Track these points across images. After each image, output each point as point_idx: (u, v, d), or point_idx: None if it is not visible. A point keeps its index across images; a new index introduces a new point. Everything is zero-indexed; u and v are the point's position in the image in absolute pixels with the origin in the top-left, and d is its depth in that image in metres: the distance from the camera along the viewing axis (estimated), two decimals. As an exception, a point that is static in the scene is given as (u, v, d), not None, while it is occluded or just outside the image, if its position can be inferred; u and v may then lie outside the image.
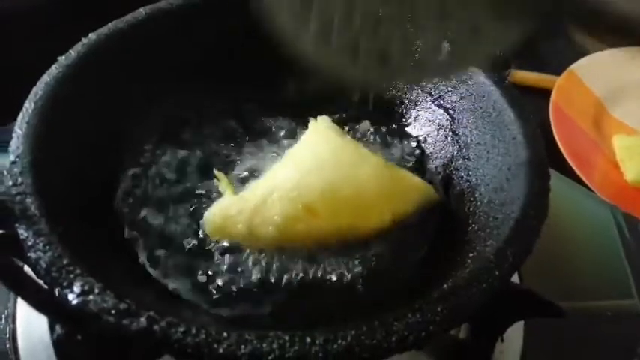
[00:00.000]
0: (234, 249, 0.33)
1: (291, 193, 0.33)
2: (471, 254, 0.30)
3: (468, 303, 0.25)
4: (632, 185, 0.59)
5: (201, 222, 0.34)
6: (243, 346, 0.23)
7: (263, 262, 0.33)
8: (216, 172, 0.37)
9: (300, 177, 0.34)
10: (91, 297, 0.24)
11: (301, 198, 0.33)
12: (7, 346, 0.39)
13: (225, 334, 0.23)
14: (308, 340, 0.23)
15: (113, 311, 0.23)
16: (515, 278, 0.45)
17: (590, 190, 0.55)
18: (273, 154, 0.40)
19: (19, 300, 0.41)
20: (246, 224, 0.33)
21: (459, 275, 0.28)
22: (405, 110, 0.44)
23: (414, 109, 0.44)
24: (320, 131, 0.39)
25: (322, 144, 0.37)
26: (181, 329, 0.23)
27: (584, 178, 0.57)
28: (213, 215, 0.34)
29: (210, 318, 0.30)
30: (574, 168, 0.58)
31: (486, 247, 0.29)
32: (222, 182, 0.36)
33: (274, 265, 0.33)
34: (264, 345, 0.23)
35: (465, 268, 0.29)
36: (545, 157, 0.33)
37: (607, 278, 0.46)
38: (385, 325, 0.24)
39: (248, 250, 0.33)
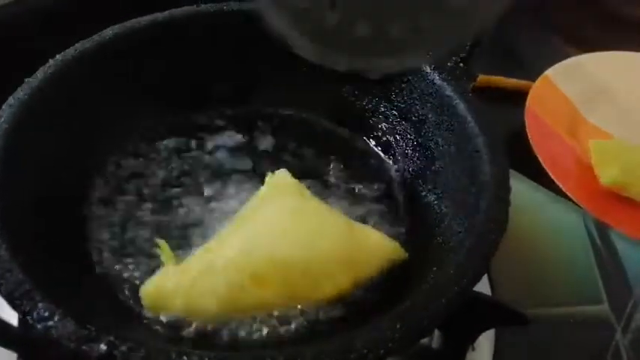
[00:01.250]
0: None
1: (237, 261, 0.31)
2: (434, 268, 0.31)
3: (428, 319, 0.26)
4: (607, 189, 0.60)
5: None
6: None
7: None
8: (158, 240, 0.35)
9: (249, 243, 0.32)
10: (51, 323, 0.24)
11: (248, 266, 0.31)
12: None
13: (185, 357, 0.23)
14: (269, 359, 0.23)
15: (73, 337, 0.23)
16: (486, 286, 0.45)
17: (565, 195, 0.56)
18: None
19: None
20: (184, 299, 0.31)
21: (420, 290, 0.28)
22: (372, 124, 0.45)
23: (383, 122, 0.44)
24: (276, 189, 0.36)
25: (277, 204, 0.35)
26: (141, 354, 0.23)
27: (559, 183, 0.57)
28: (148, 290, 0.32)
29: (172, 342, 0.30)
30: (549, 173, 0.58)
31: (449, 261, 0.30)
32: (163, 252, 0.34)
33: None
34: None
35: (426, 283, 0.29)
36: (507, 170, 0.33)
37: (578, 284, 0.47)
38: (343, 343, 0.24)
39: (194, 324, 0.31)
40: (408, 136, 0.42)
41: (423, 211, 0.38)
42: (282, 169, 0.38)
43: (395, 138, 0.43)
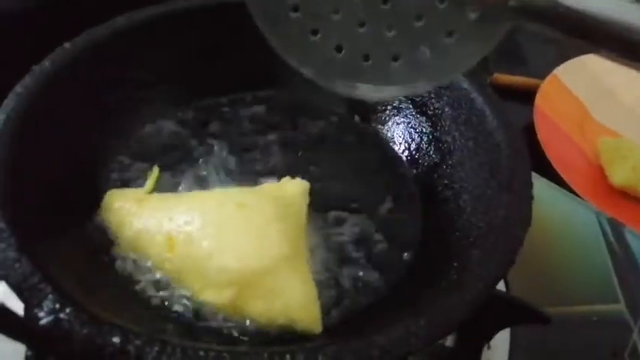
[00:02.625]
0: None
1: (172, 217, 0.32)
2: (455, 264, 0.30)
3: (452, 316, 0.25)
4: (617, 188, 0.59)
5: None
6: (220, 365, 0.22)
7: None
8: (156, 167, 0.38)
9: (192, 210, 0.33)
10: (62, 315, 0.23)
11: (169, 226, 0.32)
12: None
13: (202, 352, 0.22)
14: (288, 357, 0.22)
15: (85, 330, 0.22)
16: (501, 285, 0.44)
17: (575, 194, 0.55)
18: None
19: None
20: (122, 216, 0.33)
21: (442, 287, 0.28)
22: (387, 118, 0.44)
23: (397, 116, 0.44)
24: (268, 192, 0.36)
25: (242, 202, 0.33)
26: (156, 348, 0.22)
27: (569, 182, 0.57)
28: (110, 195, 0.35)
29: (190, 335, 0.29)
30: (559, 172, 0.57)
31: (470, 257, 0.29)
32: (152, 177, 0.37)
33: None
34: (242, 363, 0.22)
35: (449, 280, 0.28)
36: (528, 165, 0.33)
37: (593, 283, 0.46)
38: (368, 341, 0.23)
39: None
40: (424, 130, 0.42)
41: (440, 206, 0.37)
42: (301, 180, 0.37)
43: (410, 132, 0.42)
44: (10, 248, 0.25)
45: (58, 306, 0.23)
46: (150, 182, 0.37)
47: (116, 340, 0.22)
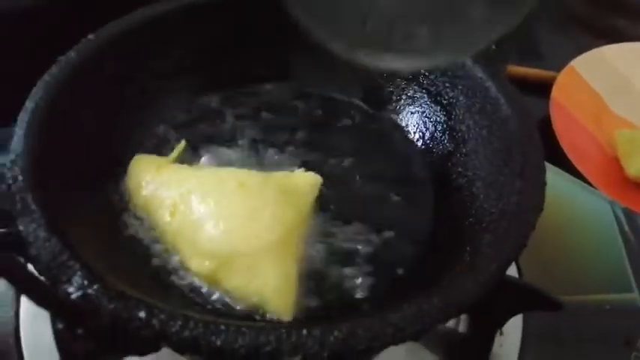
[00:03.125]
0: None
1: (181, 187, 0.35)
2: (468, 248, 0.30)
3: (465, 296, 0.25)
4: (633, 180, 0.59)
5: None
6: (240, 339, 0.23)
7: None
8: (183, 141, 0.40)
9: (200, 185, 0.35)
10: (89, 291, 0.24)
11: (177, 195, 0.34)
12: (10, 342, 0.40)
13: (222, 326, 0.23)
14: (304, 332, 0.23)
15: (112, 305, 0.23)
16: (514, 273, 0.45)
17: (590, 185, 0.55)
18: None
19: (22, 298, 0.42)
20: (139, 178, 0.36)
21: (455, 269, 0.28)
22: (401, 107, 0.45)
23: (412, 105, 0.44)
24: (275, 179, 0.37)
25: (243, 182, 0.35)
26: (180, 322, 0.23)
27: (584, 174, 0.56)
28: (137, 160, 0.38)
29: (210, 313, 0.30)
30: (575, 164, 0.57)
31: (483, 241, 0.30)
32: (177, 149, 0.39)
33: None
34: (261, 337, 0.23)
35: (461, 262, 0.29)
36: (541, 151, 0.33)
37: (606, 272, 0.46)
38: (382, 317, 0.24)
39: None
40: (438, 119, 0.42)
41: (453, 194, 0.38)
42: (313, 175, 0.37)
43: (424, 121, 0.43)
44: (40, 228, 0.26)
45: (86, 282, 0.24)
46: (175, 153, 0.39)
47: (142, 314, 0.23)
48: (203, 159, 0.40)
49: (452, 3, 0.26)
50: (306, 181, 0.37)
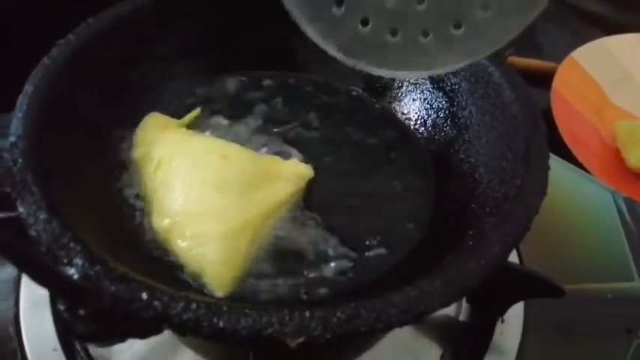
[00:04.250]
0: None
1: (169, 149, 0.36)
2: (470, 232, 0.30)
3: (467, 278, 0.25)
4: (633, 170, 0.59)
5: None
6: (243, 320, 0.23)
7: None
8: (199, 108, 0.41)
9: (208, 159, 0.35)
10: (90, 273, 0.24)
11: (161, 154, 0.36)
12: (11, 330, 0.40)
13: (225, 308, 0.23)
14: (307, 314, 0.23)
15: (113, 287, 0.23)
16: (515, 261, 0.45)
17: (591, 175, 0.55)
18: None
19: (22, 287, 0.42)
20: (153, 136, 0.37)
21: (458, 252, 0.28)
22: (403, 94, 0.44)
23: (414, 92, 0.44)
24: (264, 161, 0.37)
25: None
26: (182, 304, 0.23)
27: (585, 164, 0.57)
28: (152, 117, 0.39)
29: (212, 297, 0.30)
30: (575, 154, 0.58)
31: (485, 225, 0.29)
32: (193, 112, 0.41)
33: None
34: (264, 319, 0.23)
35: (464, 245, 0.29)
36: (544, 135, 0.33)
37: (608, 261, 0.46)
38: (384, 299, 0.24)
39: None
40: (440, 106, 0.42)
41: (456, 180, 0.38)
42: (305, 167, 0.38)
43: (426, 108, 0.43)
44: (41, 210, 0.26)
45: (87, 264, 0.24)
46: (187, 117, 0.40)
47: (144, 296, 0.23)
48: (208, 132, 0.40)
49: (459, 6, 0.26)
50: (293, 171, 0.37)
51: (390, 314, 0.23)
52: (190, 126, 0.41)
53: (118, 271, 0.24)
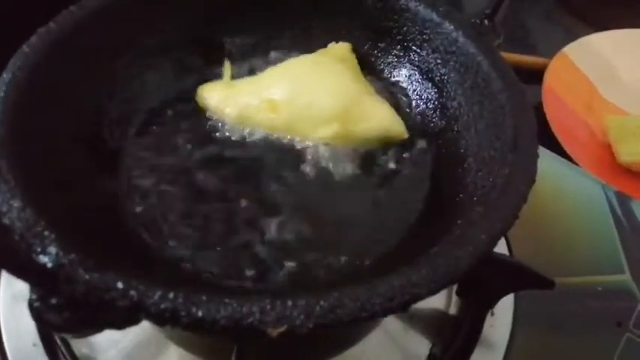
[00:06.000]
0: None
1: (260, 88, 0.40)
2: (458, 221, 0.30)
3: (454, 266, 0.25)
4: (624, 165, 0.59)
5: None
6: (222, 309, 0.22)
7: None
8: (226, 62, 0.43)
9: (278, 79, 0.40)
10: (64, 261, 0.23)
11: (269, 94, 0.39)
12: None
13: (204, 297, 0.22)
14: (289, 303, 0.22)
15: (87, 276, 0.22)
16: (505, 254, 0.44)
17: (582, 169, 0.55)
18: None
19: (2, 282, 0.41)
20: (221, 99, 0.40)
21: (446, 241, 0.27)
22: (392, 82, 0.44)
23: (403, 83, 0.43)
24: (328, 52, 0.43)
25: (313, 57, 0.42)
26: (159, 293, 0.22)
27: (576, 159, 0.57)
28: (202, 88, 0.41)
29: (192, 281, 0.29)
30: (567, 149, 0.57)
31: (473, 213, 0.29)
32: (226, 69, 0.43)
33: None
34: (244, 308, 0.22)
35: (451, 234, 0.28)
36: (533, 123, 0.32)
37: (598, 254, 0.46)
38: (369, 288, 0.23)
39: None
40: (429, 96, 0.41)
41: (445, 171, 0.37)
42: (344, 43, 0.44)
43: (415, 99, 0.42)
44: (15, 198, 0.25)
45: (62, 252, 0.23)
46: (226, 73, 0.43)
47: (119, 285, 0.22)
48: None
49: None
50: (344, 49, 0.43)
51: (375, 303, 0.23)
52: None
53: (94, 257, 0.24)
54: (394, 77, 0.44)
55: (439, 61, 0.41)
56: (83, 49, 0.37)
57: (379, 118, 0.39)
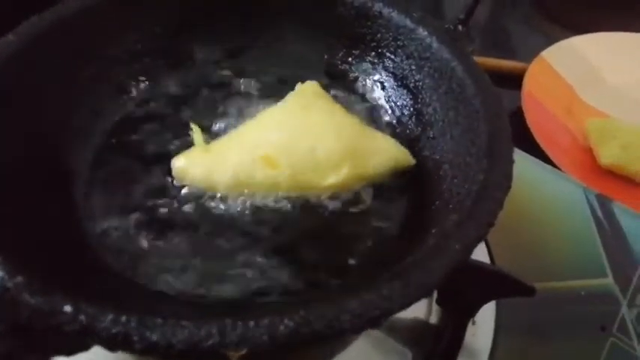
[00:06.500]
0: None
1: (252, 142, 0.35)
2: (433, 230, 0.28)
3: (427, 278, 0.23)
4: (605, 168, 0.59)
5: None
6: (179, 333, 0.21)
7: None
8: (192, 124, 0.38)
9: (265, 131, 0.36)
10: (10, 285, 0.21)
11: (261, 148, 0.35)
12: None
13: (159, 320, 0.21)
14: (251, 323, 0.21)
15: (33, 300, 0.21)
16: (486, 259, 0.43)
17: (563, 173, 0.54)
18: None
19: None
20: (205, 169, 0.35)
21: (420, 251, 0.26)
22: (366, 90, 0.43)
23: (377, 90, 0.42)
24: (302, 93, 0.39)
25: (297, 102, 0.38)
26: (110, 316, 0.21)
27: (557, 164, 0.56)
28: (179, 161, 0.36)
29: (151, 299, 0.27)
30: (547, 153, 0.57)
31: (448, 222, 0.28)
32: (195, 133, 0.38)
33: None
34: (202, 330, 0.21)
35: (426, 246, 0.27)
36: (508, 128, 0.31)
37: (581, 258, 0.45)
38: (337, 304, 0.22)
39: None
40: (404, 103, 0.40)
41: (420, 178, 0.36)
42: (312, 81, 0.40)
43: (390, 106, 0.41)
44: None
45: (7, 276, 0.22)
46: (197, 137, 0.37)
47: (67, 308, 0.21)
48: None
49: None
50: (314, 87, 0.39)
51: (343, 321, 0.21)
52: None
53: (43, 282, 0.22)
54: (368, 86, 0.43)
55: (413, 67, 0.40)
56: (44, 61, 0.35)
57: (386, 151, 0.36)
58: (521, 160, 0.51)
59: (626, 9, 0.84)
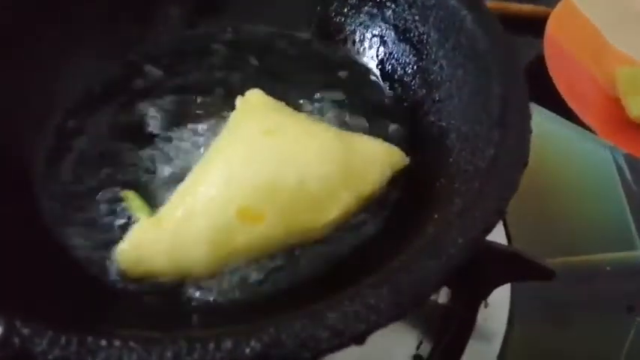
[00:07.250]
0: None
1: (218, 197, 0.26)
2: (435, 215, 0.25)
3: (422, 283, 0.20)
4: (636, 122, 0.54)
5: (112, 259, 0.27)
6: (125, 357, 0.18)
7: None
8: (124, 192, 0.29)
9: (227, 175, 0.27)
10: None
11: (232, 201, 0.26)
12: None
13: (104, 342, 0.18)
14: (211, 346, 0.18)
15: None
16: (500, 229, 0.40)
17: (589, 129, 0.50)
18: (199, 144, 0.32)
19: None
20: (168, 253, 0.26)
21: (415, 244, 0.23)
22: (365, 49, 0.38)
23: (377, 45, 0.38)
24: (250, 110, 0.31)
25: (253, 126, 0.29)
26: (46, 339, 0.18)
27: (582, 117, 0.52)
28: (124, 250, 0.26)
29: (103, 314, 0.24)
30: (571, 106, 0.52)
31: (452, 207, 0.24)
32: (133, 204, 0.28)
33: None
34: (153, 355, 0.18)
35: (424, 236, 0.23)
36: (526, 92, 0.27)
37: (607, 228, 0.42)
38: (315, 318, 0.19)
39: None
40: (407, 60, 0.36)
41: (424, 148, 0.32)
42: (254, 89, 0.32)
43: (392, 63, 0.37)
44: None
45: None
46: (137, 207, 0.28)
47: (-1, 330, 0.18)
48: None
49: None
50: (255, 95, 0.32)
51: (320, 339, 0.18)
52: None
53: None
54: (367, 40, 0.38)
55: (417, 17, 0.36)
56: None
57: (379, 157, 0.30)
58: (539, 117, 0.46)
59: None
